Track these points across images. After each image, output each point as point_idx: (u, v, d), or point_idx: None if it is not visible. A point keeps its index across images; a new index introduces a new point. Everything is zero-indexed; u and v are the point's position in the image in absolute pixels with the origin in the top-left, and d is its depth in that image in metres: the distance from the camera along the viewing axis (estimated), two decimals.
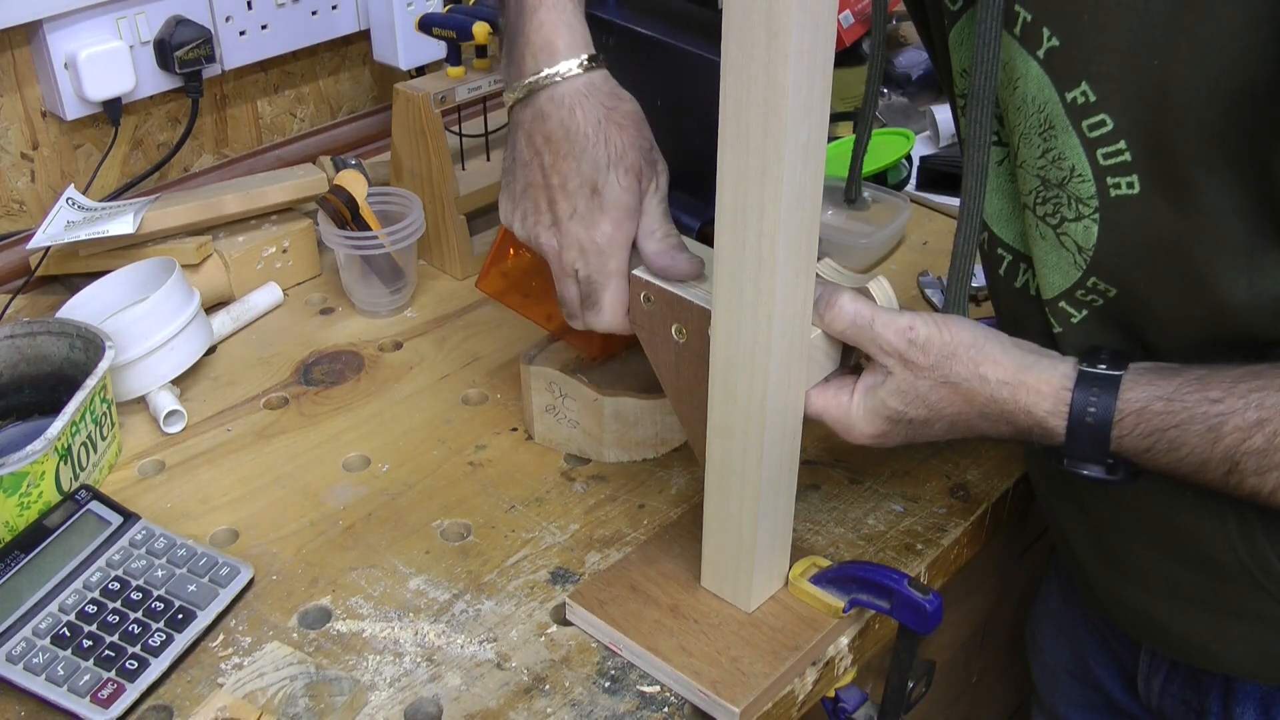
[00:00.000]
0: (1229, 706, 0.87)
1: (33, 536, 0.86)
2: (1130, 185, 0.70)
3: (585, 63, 0.78)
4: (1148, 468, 0.72)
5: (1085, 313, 0.78)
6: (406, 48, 1.38)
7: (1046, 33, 0.69)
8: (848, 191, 0.92)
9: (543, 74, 0.78)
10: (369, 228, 1.15)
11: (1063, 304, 0.78)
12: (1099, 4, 0.66)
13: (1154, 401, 0.71)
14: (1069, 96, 0.70)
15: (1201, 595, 0.82)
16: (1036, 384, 0.73)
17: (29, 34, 1.19)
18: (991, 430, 0.76)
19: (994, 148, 0.80)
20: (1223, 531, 0.78)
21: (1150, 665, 0.94)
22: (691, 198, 0.84)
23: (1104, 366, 0.72)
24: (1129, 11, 0.65)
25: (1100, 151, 0.70)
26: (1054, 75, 0.70)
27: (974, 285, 1.22)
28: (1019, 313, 0.84)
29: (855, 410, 0.77)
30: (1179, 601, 0.83)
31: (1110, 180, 0.71)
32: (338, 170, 1.23)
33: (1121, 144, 0.69)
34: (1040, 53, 0.70)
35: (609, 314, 0.81)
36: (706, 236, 0.79)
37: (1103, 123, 0.69)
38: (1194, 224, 0.69)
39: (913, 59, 1.60)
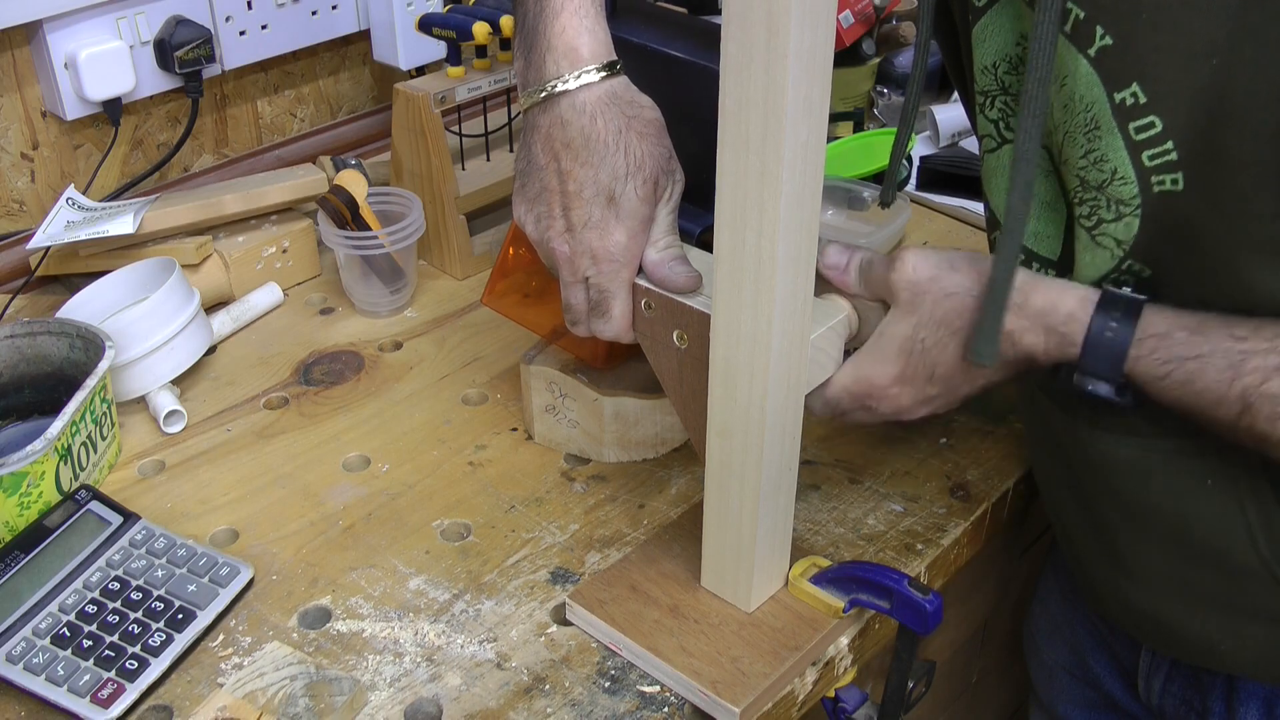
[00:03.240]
0: (1232, 706, 0.87)
1: (33, 536, 0.86)
2: (1175, 182, 0.69)
3: (607, 69, 0.78)
4: (1157, 396, 0.71)
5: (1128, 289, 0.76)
6: (406, 48, 1.38)
7: (1099, 31, 0.68)
8: (883, 195, 0.91)
9: (564, 79, 0.77)
10: (369, 228, 1.15)
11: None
12: (1159, 3, 0.65)
13: (1177, 330, 0.70)
14: (1118, 97, 0.69)
15: (1213, 594, 0.81)
16: (1052, 291, 0.72)
17: (29, 34, 1.19)
18: (1006, 350, 0.73)
19: (1009, 148, 0.79)
20: (1242, 526, 0.77)
21: (1151, 664, 0.93)
22: (691, 204, 0.84)
23: (1129, 290, 0.72)
24: (1192, 11, 0.64)
25: (1146, 154, 0.69)
26: (1104, 75, 0.69)
27: None
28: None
29: (868, 361, 0.76)
30: (1189, 601, 0.83)
31: (1155, 179, 0.70)
32: (338, 170, 1.23)
33: (1169, 144, 0.68)
34: (1091, 51, 0.69)
35: (618, 323, 0.81)
36: (706, 243, 0.79)
37: (1151, 124, 0.68)
38: (1236, 225, 0.68)
39: (913, 59, 1.60)
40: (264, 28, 1.33)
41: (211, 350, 1.14)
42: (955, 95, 1.53)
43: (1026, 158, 0.70)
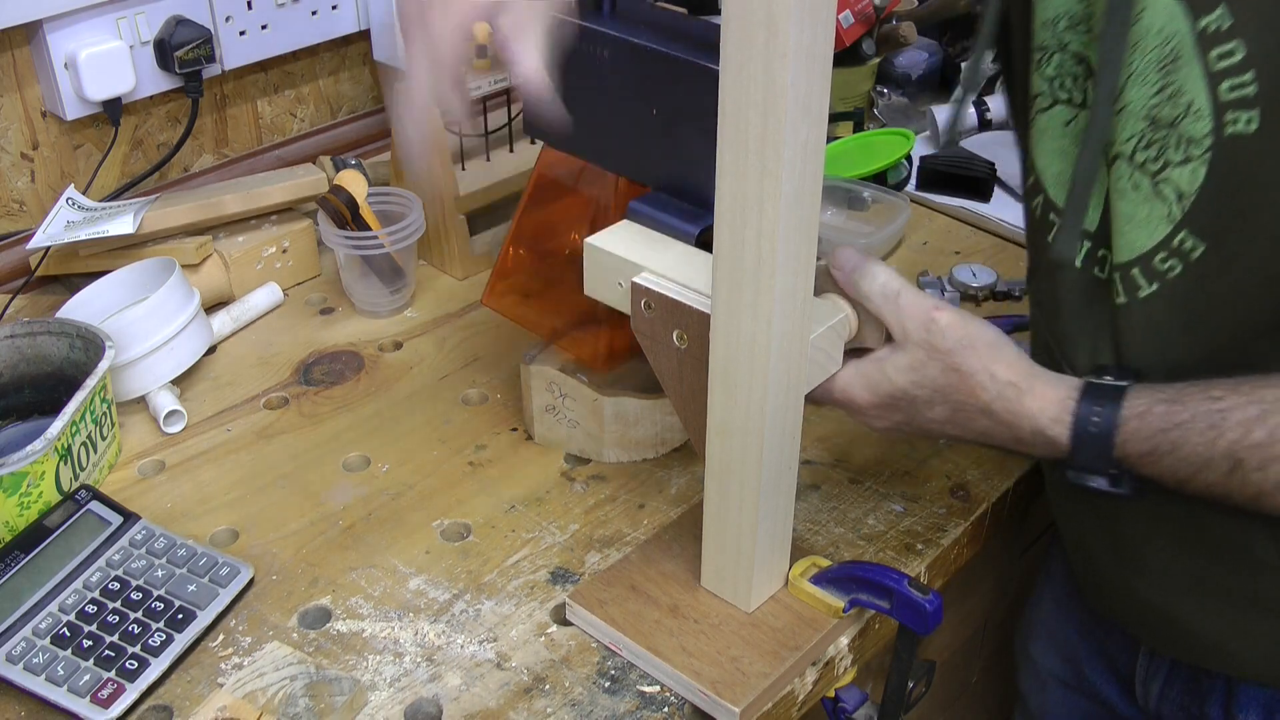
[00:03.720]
0: (1230, 711, 0.86)
1: (33, 536, 0.86)
2: (1249, 122, 0.68)
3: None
4: (1150, 474, 0.72)
5: (1156, 285, 0.75)
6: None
7: None
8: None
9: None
10: (369, 228, 1.15)
11: (1136, 271, 0.75)
12: None
13: (1156, 404, 0.71)
14: (1202, 23, 0.68)
15: (1227, 588, 0.81)
16: (1044, 390, 0.74)
17: (29, 34, 1.19)
18: (992, 430, 0.76)
19: (1061, 107, 0.79)
20: (1260, 517, 0.76)
21: (1149, 669, 0.93)
22: (691, 204, 0.84)
23: (1110, 378, 0.73)
24: None
25: (1225, 84, 0.69)
26: (1189, 1, 0.68)
27: (974, 285, 1.22)
28: (1063, 292, 0.82)
29: (856, 377, 0.78)
30: (1200, 597, 0.82)
31: (1229, 116, 0.69)
32: (338, 170, 1.23)
33: (1249, 75, 0.67)
34: None
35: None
36: (705, 243, 0.79)
37: (1232, 52, 0.68)
38: None
39: (913, 59, 1.60)
40: (264, 28, 1.33)
41: (211, 350, 1.14)
42: (955, 95, 1.53)
43: (1110, 65, 0.71)
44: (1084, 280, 0.80)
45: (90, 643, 0.81)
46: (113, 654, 0.80)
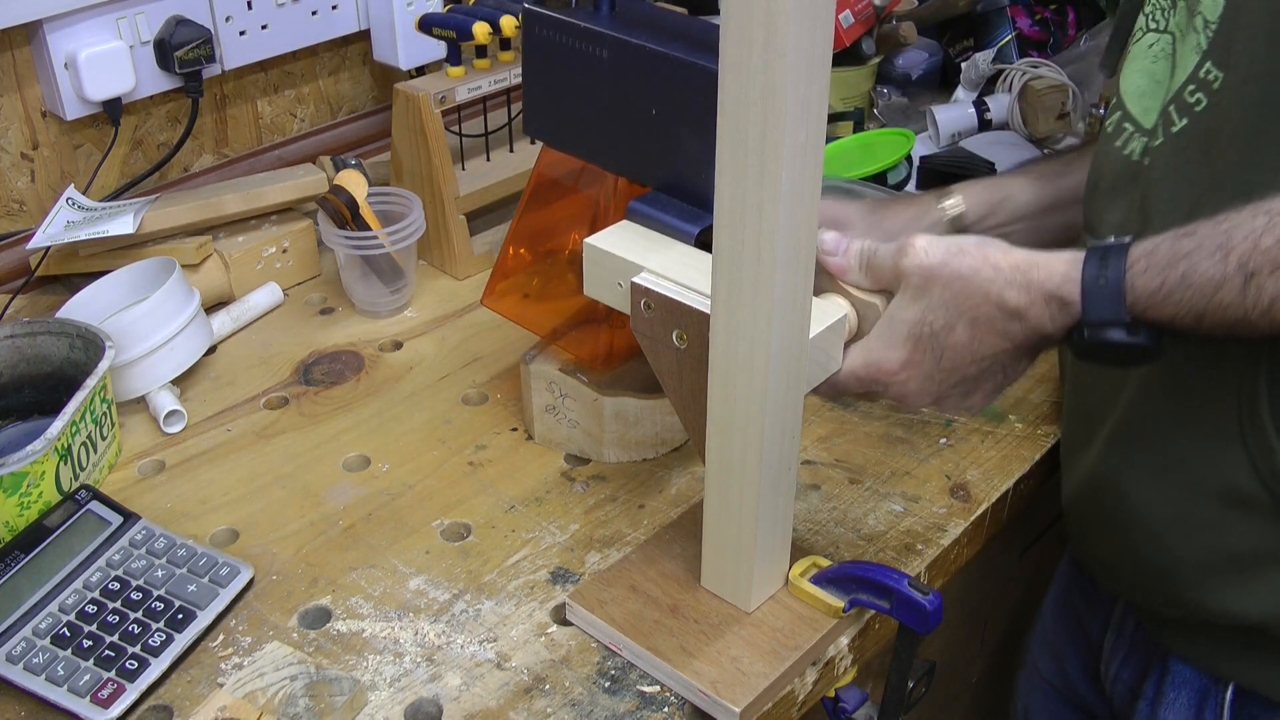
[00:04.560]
0: (1162, 688, 0.89)
1: (33, 536, 0.86)
2: None
3: None
4: (1166, 317, 0.71)
5: (1186, 120, 0.78)
6: (406, 48, 1.38)
7: None
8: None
9: None
10: (369, 228, 1.15)
11: (1172, 109, 0.79)
12: None
13: (1163, 242, 0.71)
14: None
15: (1211, 523, 0.81)
16: (1048, 262, 0.74)
17: (29, 34, 1.19)
18: (1012, 328, 0.75)
19: (1151, 34, 0.83)
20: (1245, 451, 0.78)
21: (1114, 645, 0.96)
22: (691, 204, 0.84)
23: (1112, 239, 0.73)
24: None
25: None
26: None
27: None
28: (1121, 180, 0.85)
29: (873, 342, 0.77)
30: (1186, 534, 0.83)
31: None
32: (338, 170, 1.23)
33: None
34: None
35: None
36: (705, 243, 0.79)
37: None
38: None
39: (913, 59, 1.60)
40: (264, 28, 1.33)
41: (211, 350, 1.14)
42: (955, 95, 1.53)
43: None
44: (1123, 162, 0.83)
45: (90, 643, 0.81)
46: (113, 654, 0.80)
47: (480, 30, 1.20)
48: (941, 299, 0.75)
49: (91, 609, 0.83)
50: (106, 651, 0.80)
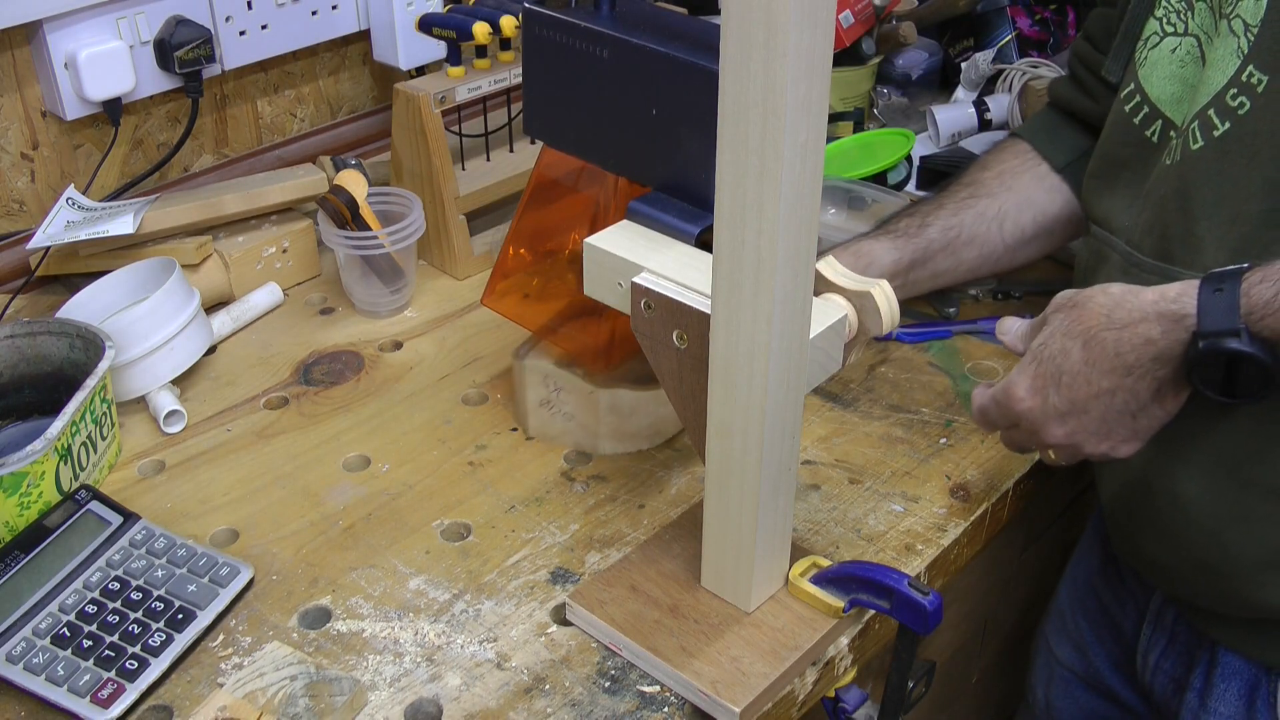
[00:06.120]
0: (1211, 680, 0.89)
1: (33, 536, 0.86)
2: None
3: None
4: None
5: (1229, 124, 0.79)
6: (406, 48, 1.38)
7: None
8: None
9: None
10: (369, 228, 1.15)
11: (1211, 112, 0.81)
12: None
13: (1277, 260, 0.72)
14: None
15: (1263, 515, 0.82)
16: (1161, 287, 0.76)
17: (29, 34, 1.19)
18: (1124, 345, 0.76)
19: (1170, 38, 0.85)
20: None
21: (1150, 639, 0.96)
22: (691, 204, 0.84)
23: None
24: None
25: None
26: None
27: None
28: (1154, 182, 0.87)
29: (1014, 373, 0.82)
30: (1241, 527, 0.83)
31: None
32: (338, 170, 1.23)
33: None
34: None
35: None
36: (705, 243, 0.80)
37: None
38: None
39: (913, 59, 1.60)
40: (264, 28, 1.33)
41: (211, 350, 1.14)
42: (955, 95, 1.53)
43: None
44: (1157, 166, 0.86)
45: (90, 643, 0.81)
46: (113, 654, 0.80)
47: (480, 30, 1.20)
48: (1060, 324, 0.79)
49: (91, 609, 0.83)
50: (106, 651, 0.80)
